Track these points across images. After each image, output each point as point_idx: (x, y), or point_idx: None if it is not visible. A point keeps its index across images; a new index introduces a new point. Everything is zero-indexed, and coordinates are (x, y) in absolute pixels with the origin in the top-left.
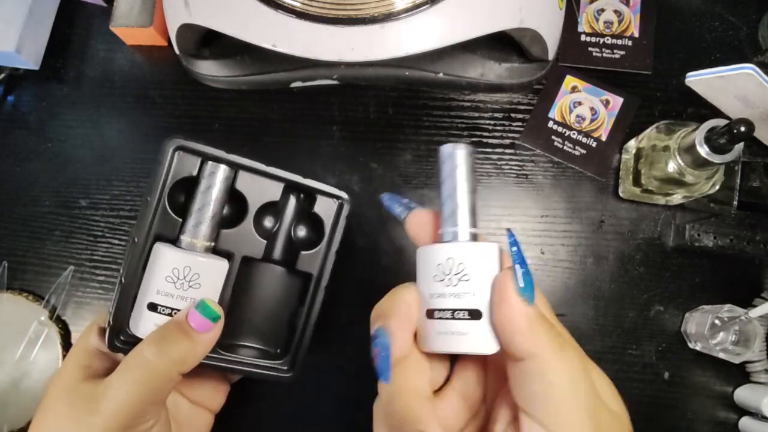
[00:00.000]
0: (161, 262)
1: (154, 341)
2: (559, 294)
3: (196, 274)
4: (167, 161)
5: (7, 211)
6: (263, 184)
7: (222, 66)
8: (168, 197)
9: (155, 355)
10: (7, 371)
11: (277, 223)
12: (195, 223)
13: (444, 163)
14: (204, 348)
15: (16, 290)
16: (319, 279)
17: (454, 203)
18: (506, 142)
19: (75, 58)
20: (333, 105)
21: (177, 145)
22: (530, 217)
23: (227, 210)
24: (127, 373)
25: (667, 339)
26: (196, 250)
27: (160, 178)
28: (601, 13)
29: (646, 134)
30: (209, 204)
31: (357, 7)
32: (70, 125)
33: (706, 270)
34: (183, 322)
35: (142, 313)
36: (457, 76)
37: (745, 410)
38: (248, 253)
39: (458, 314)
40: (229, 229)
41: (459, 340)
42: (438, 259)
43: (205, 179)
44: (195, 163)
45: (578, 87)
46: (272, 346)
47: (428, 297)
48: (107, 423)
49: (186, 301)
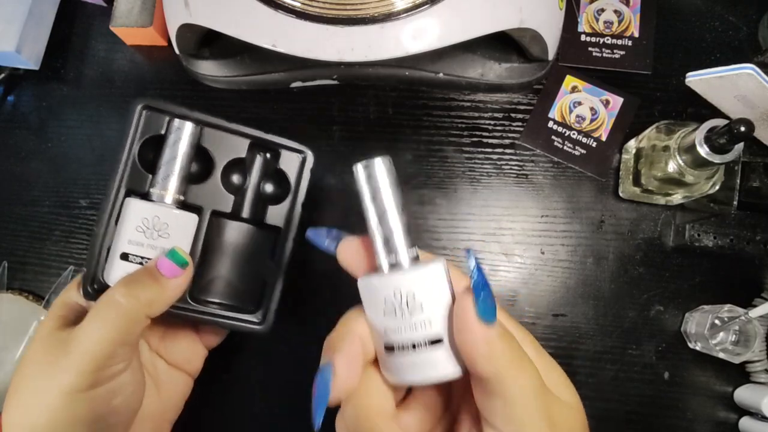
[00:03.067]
0: (132, 214)
1: (124, 284)
2: (559, 294)
3: (165, 224)
4: (135, 119)
5: (7, 211)
6: (229, 142)
7: (222, 66)
8: (139, 155)
9: (124, 297)
10: (7, 371)
11: (244, 179)
12: (163, 176)
13: (363, 185)
14: (172, 293)
15: (16, 290)
16: (286, 232)
17: (386, 229)
18: (506, 142)
19: (75, 58)
20: (333, 105)
21: (144, 104)
22: (530, 217)
23: (195, 167)
24: (97, 314)
25: (667, 339)
26: (165, 201)
27: (128, 135)
28: (601, 13)
29: (646, 134)
30: (176, 157)
31: (357, 7)
32: (70, 125)
33: (706, 270)
34: (153, 268)
35: (115, 263)
36: (457, 76)
37: (745, 410)
38: (217, 208)
39: (419, 345)
40: (197, 184)
41: (424, 371)
42: (383, 292)
43: (172, 134)
44: (163, 122)
45: (578, 87)
46: (244, 300)
47: (382, 331)
48: (79, 362)
49: (156, 250)
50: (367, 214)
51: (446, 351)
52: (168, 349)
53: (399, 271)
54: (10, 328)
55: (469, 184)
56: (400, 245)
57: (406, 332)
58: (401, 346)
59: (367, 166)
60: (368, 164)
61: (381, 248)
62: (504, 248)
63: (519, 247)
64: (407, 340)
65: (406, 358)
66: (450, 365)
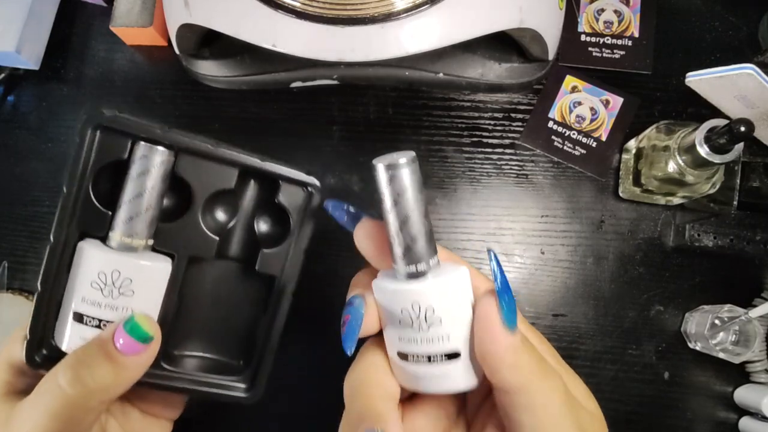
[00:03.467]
0: (85, 265)
1: (70, 365)
2: (559, 294)
3: (127, 279)
4: (87, 143)
5: (7, 211)
6: (213, 169)
7: (222, 66)
8: (94, 186)
9: (70, 384)
10: None
11: (232, 215)
12: (126, 217)
13: (384, 187)
14: (132, 374)
15: (16, 290)
16: (283, 282)
17: (408, 236)
18: (506, 142)
19: (75, 58)
20: (333, 105)
21: (97, 123)
22: (530, 217)
23: (168, 200)
24: (37, 400)
25: (667, 339)
26: (128, 249)
27: (78, 164)
28: (601, 13)
29: (646, 134)
30: (143, 194)
31: (357, 7)
32: (70, 125)
33: (706, 270)
34: (107, 342)
35: (67, 324)
36: (457, 76)
37: (745, 410)
38: (196, 252)
39: (435, 359)
40: (170, 222)
41: (438, 382)
42: (400, 303)
43: (137, 163)
44: (125, 144)
45: (578, 87)
46: (230, 355)
47: (396, 339)
48: None
49: (117, 311)
50: (386, 217)
51: (463, 364)
52: (142, 397)
53: (419, 281)
54: (10, 328)
55: (469, 184)
56: (422, 255)
57: (422, 345)
58: (416, 356)
59: (391, 166)
60: (392, 165)
61: (401, 255)
62: (504, 248)
63: (519, 247)
64: (423, 352)
65: (419, 368)
66: (465, 378)
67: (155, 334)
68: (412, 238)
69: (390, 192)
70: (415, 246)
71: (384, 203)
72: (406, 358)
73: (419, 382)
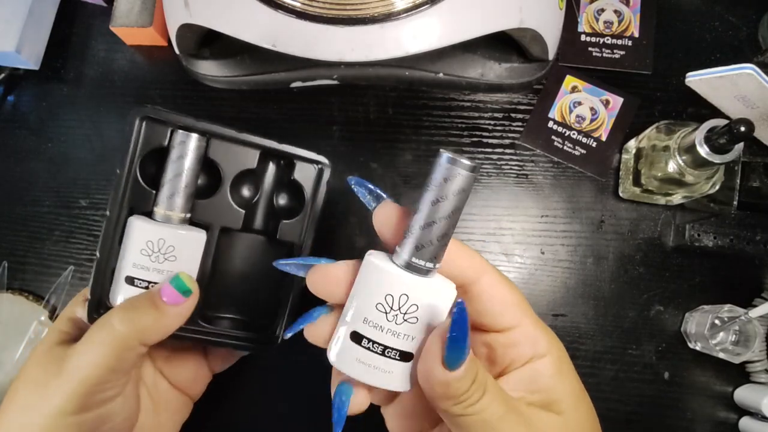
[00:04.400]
0: (135, 236)
1: (122, 309)
2: (559, 294)
3: (171, 246)
4: (135, 131)
5: (7, 211)
6: (238, 152)
7: (222, 66)
8: (141, 169)
9: (120, 323)
10: (7, 371)
11: (255, 191)
12: (168, 194)
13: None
14: (171, 321)
15: (16, 290)
16: (300, 248)
17: (430, 234)
18: (506, 142)
19: (75, 58)
20: (333, 105)
21: (143, 115)
22: (530, 217)
23: (202, 180)
24: (91, 337)
25: (667, 339)
26: (170, 221)
27: (128, 150)
28: (601, 13)
29: (646, 134)
30: (182, 174)
31: (357, 7)
32: (70, 125)
33: (706, 270)
34: (154, 294)
35: (120, 287)
36: (457, 76)
37: (745, 410)
38: (226, 224)
39: (389, 353)
40: (204, 199)
41: (378, 375)
42: (390, 287)
43: (176, 148)
44: (165, 132)
45: (578, 87)
46: (257, 318)
47: (360, 317)
48: (69, 386)
49: (162, 274)
50: (420, 207)
51: (409, 367)
52: (173, 370)
53: (417, 275)
54: (10, 328)
55: None
56: (433, 256)
57: (386, 336)
58: (372, 344)
59: (453, 167)
60: (455, 166)
61: (412, 246)
62: (504, 248)
63: (519, 247)
64: (382, 342)
65: (368, 355)
66: (404, 381)
67: (194, 289)
68: (436, 238)
69: (436, 189)
70: (432, 246)
71: (428, 193)
72: (360, 341)
73: (360, 370)
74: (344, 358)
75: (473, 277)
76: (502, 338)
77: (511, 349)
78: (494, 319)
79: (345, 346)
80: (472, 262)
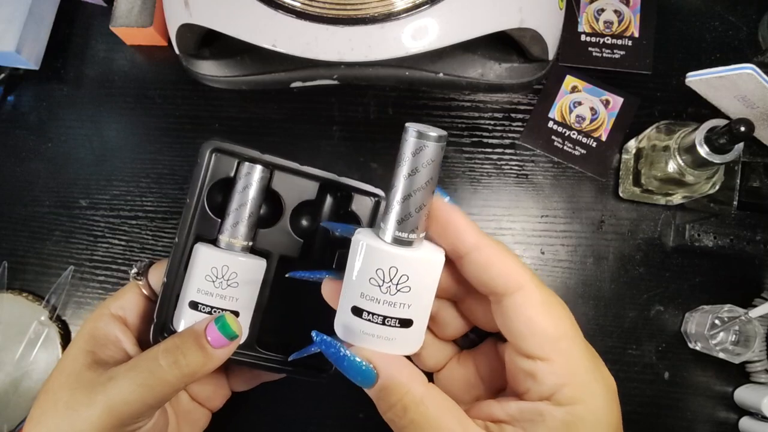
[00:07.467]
0: (201, 262)
1: (169, 350)
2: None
3: (234, 272)
4: (205, 163)
5: (7, 211)
6: (299, 184)
7: (222, 66)
8: (207, 198)
9: (169, 365)
10: (7, 371)
11: (314, 221)
12: (233, 222)
13: (407, 155)
14: (216, 363)
15: (16, 290)
16: None
17: (410, 207)
18: (506, 142)
19: (75, 58)
20: (333, 105)
21: (214, 147)
22: (530, 217)
23: (264, 209)
24: (135, 373)
25: (667, 339)
26: (234, 249)
27: (198, 180)
28: (601, 13)
29: (646, 134)
30: (246, 203)
31: (357, 7)
32: (70, 125)
33: (706, 270)
34: (201, 335)
35: (184, 312)
36: (457, 76)
37: (745, 410)
38: (286, 252)
39: (389, 321)
40: (266, 228)
41: (384, 343)
42: (379, 263)
43: (242, 179)
44: (232, 164)
45: (578, 87)
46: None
47: (357, 294)
48: (102, 417)
49: (225, 299)
50: (396, 182)
51: (411, 331)
52: (192, 385)
53: (404, 248)
54: (10, 328)
55: (469, 184)
56: (416, 226)
57: (383, 307)
58: (372, 315)
59: (421, 137)
60: (422, 137)
61: (396, 220)
62: None
63: (519, 247)
64: (380, 312)
65: (370, 326)
66: (409, 345)
67: (239, 333)
68: (414, 209)
69: (409, 161)
70: (413, 217)
71: (401, 167)
72: (360, 314)
73: (363, 338)
74: (350, 331)
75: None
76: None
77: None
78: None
79: (348, 321)
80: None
